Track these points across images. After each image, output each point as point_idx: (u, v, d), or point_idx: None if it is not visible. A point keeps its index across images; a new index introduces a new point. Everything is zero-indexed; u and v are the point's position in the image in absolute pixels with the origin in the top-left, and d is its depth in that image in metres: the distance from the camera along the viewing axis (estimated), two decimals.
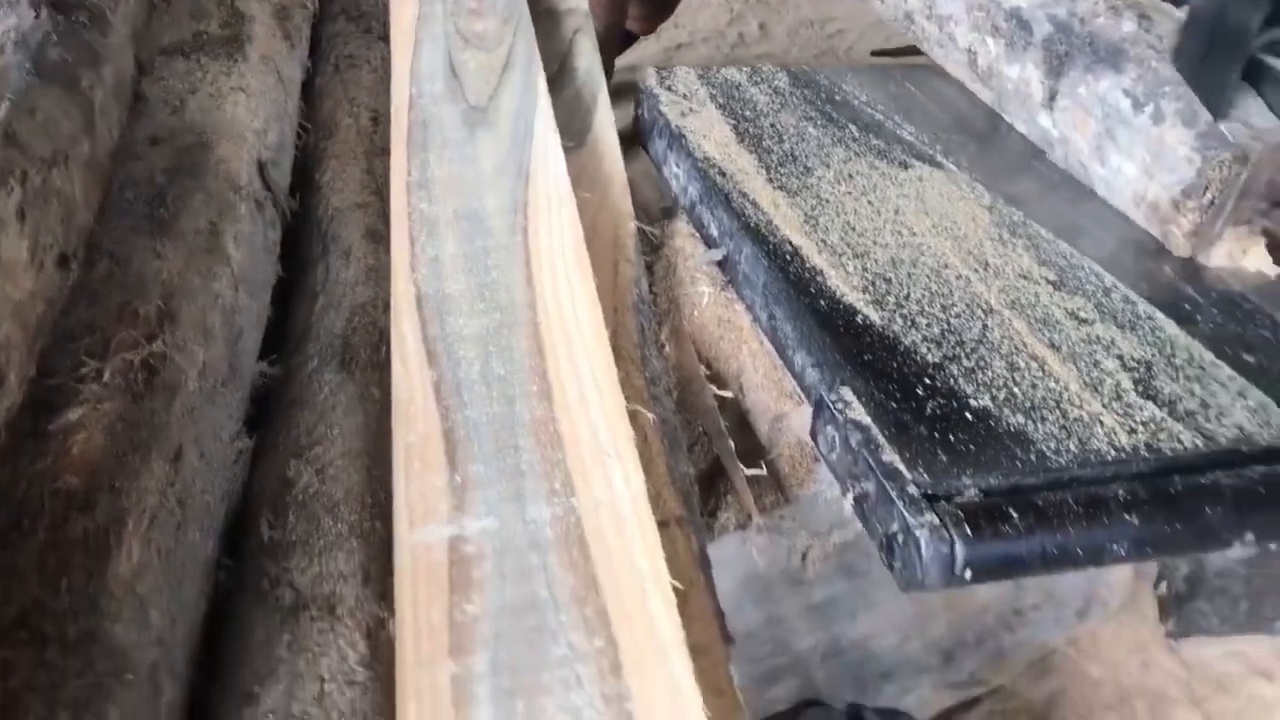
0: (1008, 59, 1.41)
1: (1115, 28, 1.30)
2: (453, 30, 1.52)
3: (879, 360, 1.00)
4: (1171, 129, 1.19)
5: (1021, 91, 1.40)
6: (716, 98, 1.45)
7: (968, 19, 1.48)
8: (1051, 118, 1.36)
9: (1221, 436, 0.96)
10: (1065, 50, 1.33)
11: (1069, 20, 1.34)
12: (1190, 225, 1.19)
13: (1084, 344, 1.06)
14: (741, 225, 1.19)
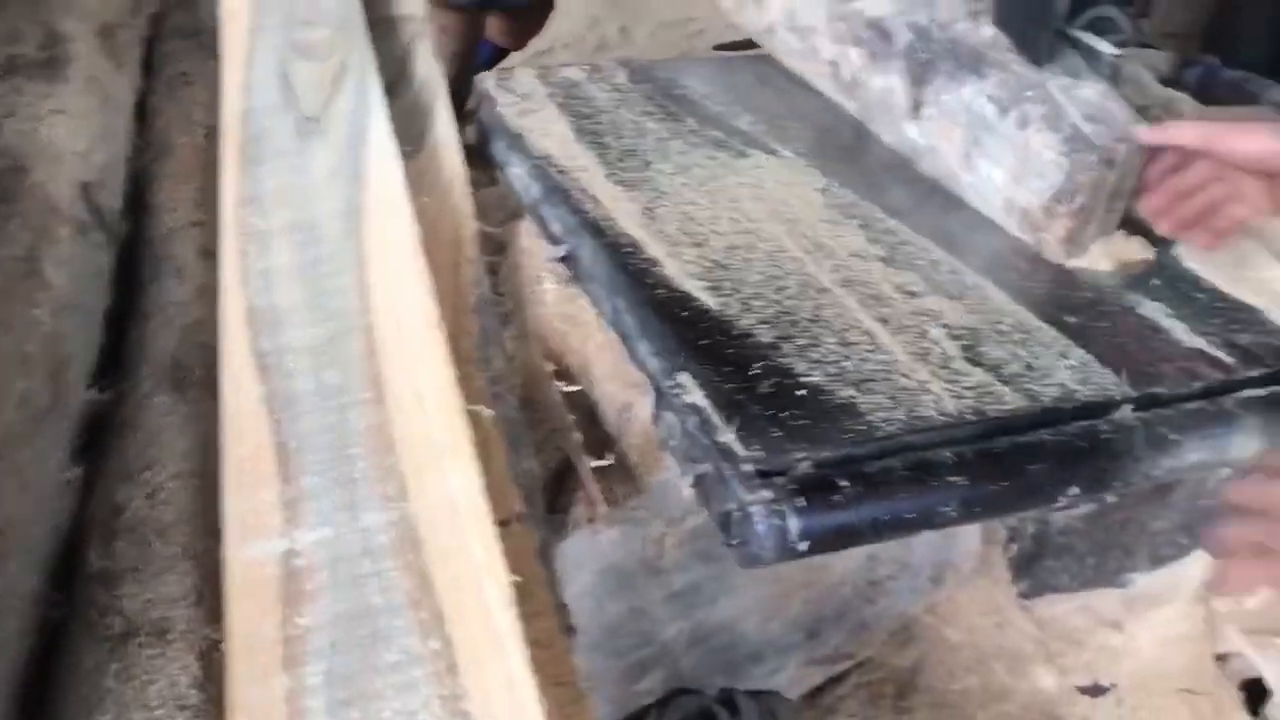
0: (871, 70, 1.38)
1: (975, 33, 1.29)
2: (285, 41, 1.50)
3: (716, 345, 1.02)
4: (1037, 134, 1.18)
5: (886, 102, 1.37)
6: (555, 97, 1.45)
7: (829, 30, 1.44)
8: (918, 127, 1.33)
9: (1045, 396, 1.00)
10: (927, 58, 1.30)
11: (929, 27, 1.32)
12: (1063, 231, 1.18)
13: (913, 316, 1.09)
14: (581, 221, 1.20)
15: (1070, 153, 1.15)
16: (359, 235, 1.11)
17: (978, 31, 1.28)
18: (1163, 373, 1.05)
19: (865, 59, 1.38)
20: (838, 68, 1.43)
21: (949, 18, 1.31)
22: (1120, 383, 1.02)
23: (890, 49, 1.34)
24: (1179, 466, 1.00)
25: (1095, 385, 1.02)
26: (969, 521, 0.95)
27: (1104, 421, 0.98)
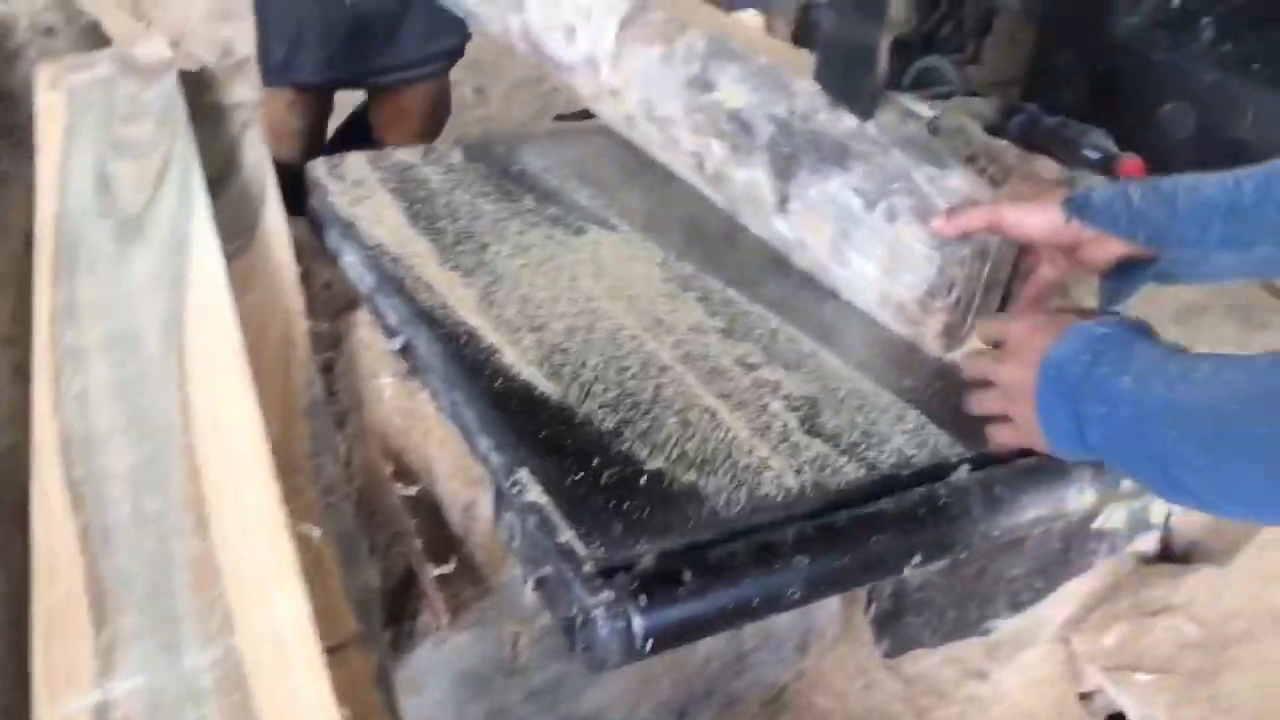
0: (734, 163, 1.32)
1: (837, 124, 1.23)
2: (104, 138, 1.45)
3: (556, 436, 1.00)
4: (907, 226, 1.13)
5: (753, 196, 1.31)
6: (387, 182, 1.43)
7: (688, 121, 1.37)
8: (786, 221, 1.27)
9: (883, 463, 1.01)
10: (790, 152, 1.25)
11: (790, 119, 1.26)
12: (940, 325, 1.13)
13: (753, 389, 1.09)
14: (416, 311, 1.17)
15: (942, 246, 1.10)
16: (180, 347, 1.06)
17: (839, 123, 1.23)
18: None
19: (728, 152, 1.32)
20: (701, 160, 1.37)
21: (809, 108, 1.26)
22: (955, 444, 1.04)
23: (752, 142, 1.29)
24: (1017, 524, 1.01)
25: (931, 448, 1.03)
26: (815, 599, 0.94)
27: (941, 485, 0.99)
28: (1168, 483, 0.83)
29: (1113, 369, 0.84)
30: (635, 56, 1.42)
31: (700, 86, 1.35)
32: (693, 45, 1.37)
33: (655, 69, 1.40)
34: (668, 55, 1.38)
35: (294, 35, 2.14)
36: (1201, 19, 1.58)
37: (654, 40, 1.40)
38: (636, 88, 1.43)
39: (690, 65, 1.36)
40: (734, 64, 1.33)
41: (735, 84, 1.32)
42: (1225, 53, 1.54)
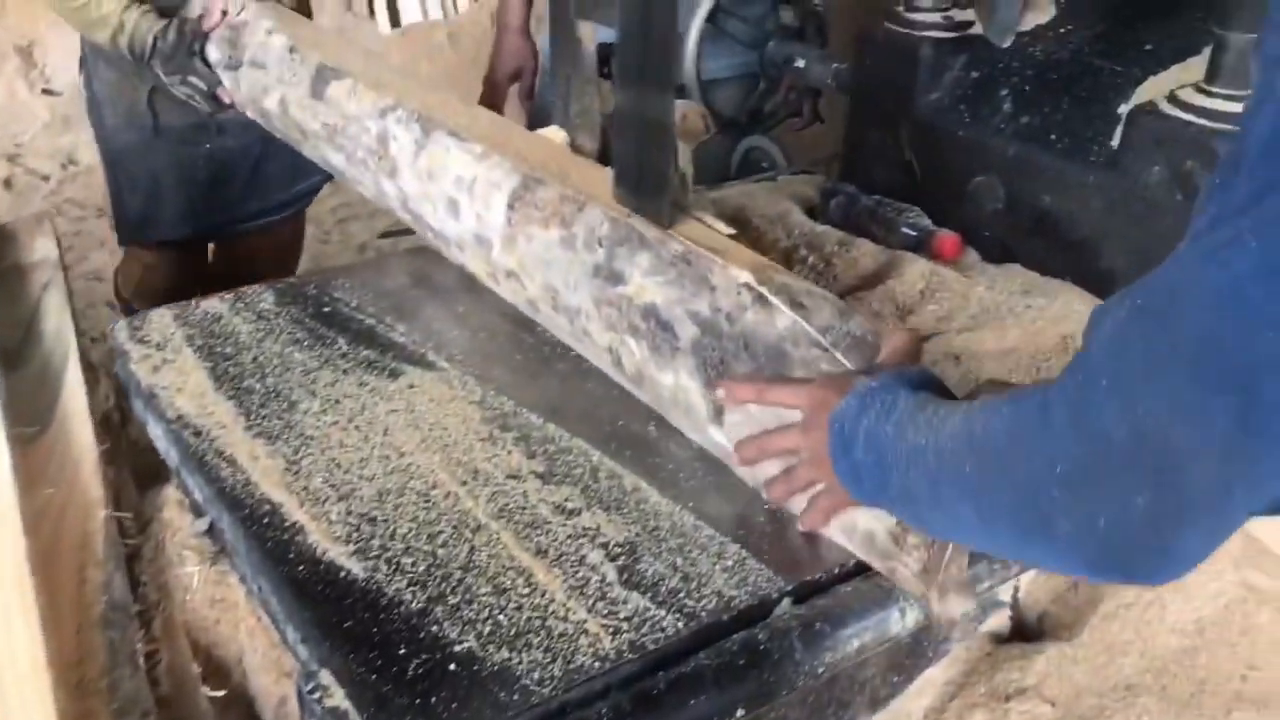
0: (656, 364, 1.18)
1: (769, 324, 1.07)
2: None
3: (360, 625, 0.96)
4: None
5: (682, 402, 1.17)
6: (194, 339, 1.37)
7: (599, 315, 1.23)
8: (724, 434, 1.12)
9: (702, 612, 0.98)
10: (719, 357, 1.10)
11: (714, 318, 1.11)
12: (918, 563, 0.97)
13: (570, 540, 1.07)
14: (219, 491, 1.13)
15: None
16: None
17: (773, 322, 1.07)
18: (819, 554, 1.06)
19: (647, 352, 1.19)
20: (618, 357, 1.24)
21: (735, 305, 1.10)
22: (775, 577, 1.03)
23: (675, 343, 1.15)
24: (843, 656, 1.00)
25: (751, 586, 1.02)
26: None
27: (761, 629, 0.98)
28: (918, 521, 0.91)
29: (877, 417, 0.90)
30: (531, 238, 1.31)
31: (608, 277, 1.21)
32: (594, 228, 1.24)
33: (556, 253, 1.28)
34: (568, 239, 1.26)
35: (150, 187, 2.05)
36: (1000, 92, 1.62)
37: (550, 221, 1.29)
38: (537, 273, 1.31)
39: (594, 252, 1.23)
40: (643, 252, 1.19)
41: (647, 276, 1.18)
42: (1024, 125, 1.58)
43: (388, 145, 1.49)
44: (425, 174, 1.44)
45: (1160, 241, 1.43)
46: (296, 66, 1.69)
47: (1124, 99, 1.51)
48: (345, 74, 1.60)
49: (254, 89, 1.79)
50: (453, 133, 1.42)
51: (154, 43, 1.83)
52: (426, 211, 1.47)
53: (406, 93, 1.53)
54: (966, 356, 1.40)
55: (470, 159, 1.38)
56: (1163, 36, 1.55)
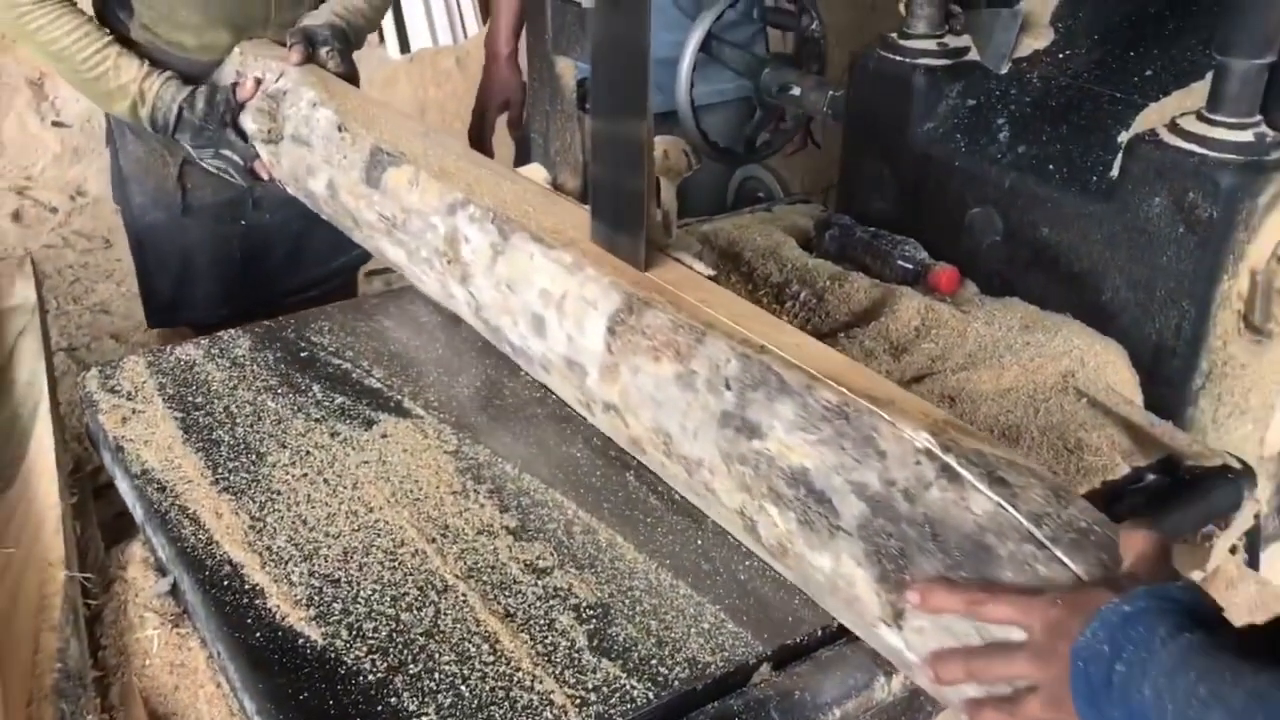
0: (808, 542, 0.94)
1: (962, 506, 0.85)
2: None
3: (317, 698, 0.92)
4: None
5: (845, 593, 0.93)
6: (166, 388, 1.34)
7: (728, 471, 1.01)
8: (902, 639, 0.89)
9: (675, 680, 0.94)
10: (898, 547, 0.87)
11: (887, 494, 0.88)
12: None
13: (540, 602, 1.02)
14: (180, 551, 1.09)
15: None
16: None
17: (967, 504, 0.86)
18: (800, 616, 1.01)
19: (795, 524, 0.96)
20: (752, 523, 1.01)
21: (912, 478, 0.88)
22: (753, 641, 0.98)
23: (835, 520, 0.92)
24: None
25: (728, 651, 0.97)
26: None
27: (736, 698, 0.93)
28: None
29: (1131, 671, 0.72)
30: (637, 371, 1.10)
31: (741, 428, 0.99)
32: (719, 365, 1.03)
33: (670, 392, 1.06)
34: (685, 377, 1.05)
35: (180, 268, 1.89)
36: (996, 120, 1.57)
37: (662, 353, 1.08)
38: (644, 412, 1.10)
39: (720, 396, 1.02)
40: (785, 400, 0.97)
41: (793, 431, 0.95)
42: (1021, 154, 1.53)
43: (458, 247, 1.32)
44: (504, 283, 1.27)
45: (1162, 274, 1.39)
46: (347, 147, 1.51)
47: (1124, 127, 1.46)
48: (404, 159, 1.43)
49: (297, 167, 1.62)
50: (536, 237, 1.24)
51: (179, 113, 1.69)
52: (505, 325, 1.29)
53: (478, 184, 1.36)
54: (962, 398, 1.35)
55: (559, 270, 1.20)
56: (1163, 62, 1.50)
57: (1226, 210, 1.32)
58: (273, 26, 1.79)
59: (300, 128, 1.61)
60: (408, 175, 1.41)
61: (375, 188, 1.45)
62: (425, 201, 1.38)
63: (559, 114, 1.41)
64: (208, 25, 1.74)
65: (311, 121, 1.59)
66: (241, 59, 1.77)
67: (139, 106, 1.70)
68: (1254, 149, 1.32)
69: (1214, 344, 1.40)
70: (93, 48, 1.67)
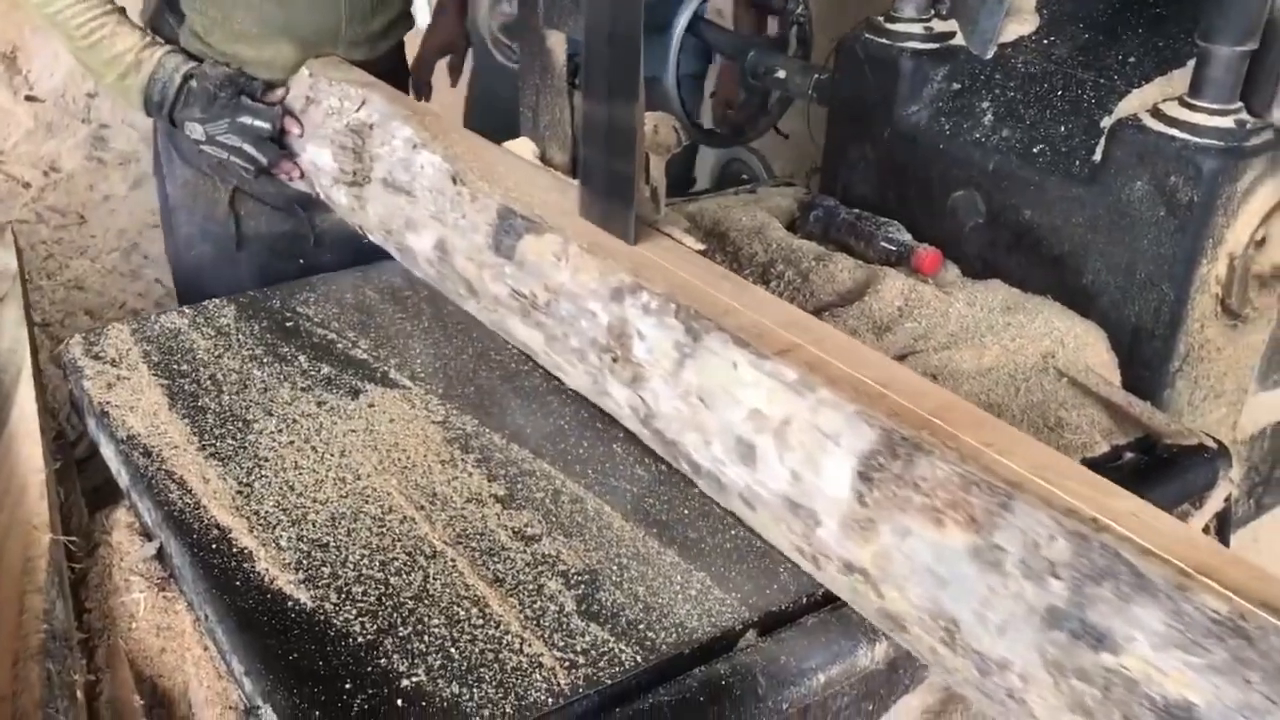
0: None
1: None
2: None
3: (306, 658, 0.92)
4: None
5: None
6: (150, 355, 1.33)
7: (1055, 687, 0.77)
8: None
9: (663, 644, 0.95)
10: None
11: None
12: None
13: (529, 568, 1.03)
14: (167, 515, 1.09)
15: None
16: None
17: None
18: (785, 583, 1.02)
19: None
20: None
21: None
22: (740, 606, 0.99)
23: None
24: (808, 691, 0.96)
25: (715, 616, 0.98)
26: None
27: (723, 662, 0.94)
28: None
29: None
30: (907, 534, 0.85)
31: (1078, 634, 0.75)
32: (1037, 544, 0.78)
33: (961, 569, 0.82)
34: (984, 552, 0.80)
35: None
36: (981, 104, 1.59)
37: (945, 515, 0.83)
38: (913, 586, 0.85)
39: (1043, 585, 0.77)
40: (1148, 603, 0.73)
41: (1163, 649, 0.71)
42: (1005, 138, 1.55)
43: (629, 345, 1.10)
44: (694, 395, 1.04)
45: (1142, 257, 1.41)
46: (465, 204, 1.29)
47: (1107, 112, 1.48)
48: (545, 225, 1.22)
49: (391, 218, 1.41)
50: (741, 340, 1.01)
51: (184, 83, 1.51)
52: (690, 442, 1.06)
53: (646, 262, 1.14)
54: (944, 376, 1.37)
55: (780, 389, 0.97)
56: (1146, 49, 1.52)
57: (1207, 195, 1.34)
58: (344, 42, 1.62)
59: (397, 172, 1.40)
60: (552, 247, 1.20)
61: (507, 258, 1.24)
62: (580, 282, 1.16)
63: (549, 89, 1.41)
64: (267, 36, 1.57)
65: (413, 167, 1.38)
66: (312, 82, 1.56)
67: (130, 76, 1.52)
68: (1235, 135, 1.34)
69: (1192, 327, 1.42)
70: (89, 14, 1.52)
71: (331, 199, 1.55)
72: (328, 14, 1.59)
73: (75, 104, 3.60)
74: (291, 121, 1.55)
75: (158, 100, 1.54)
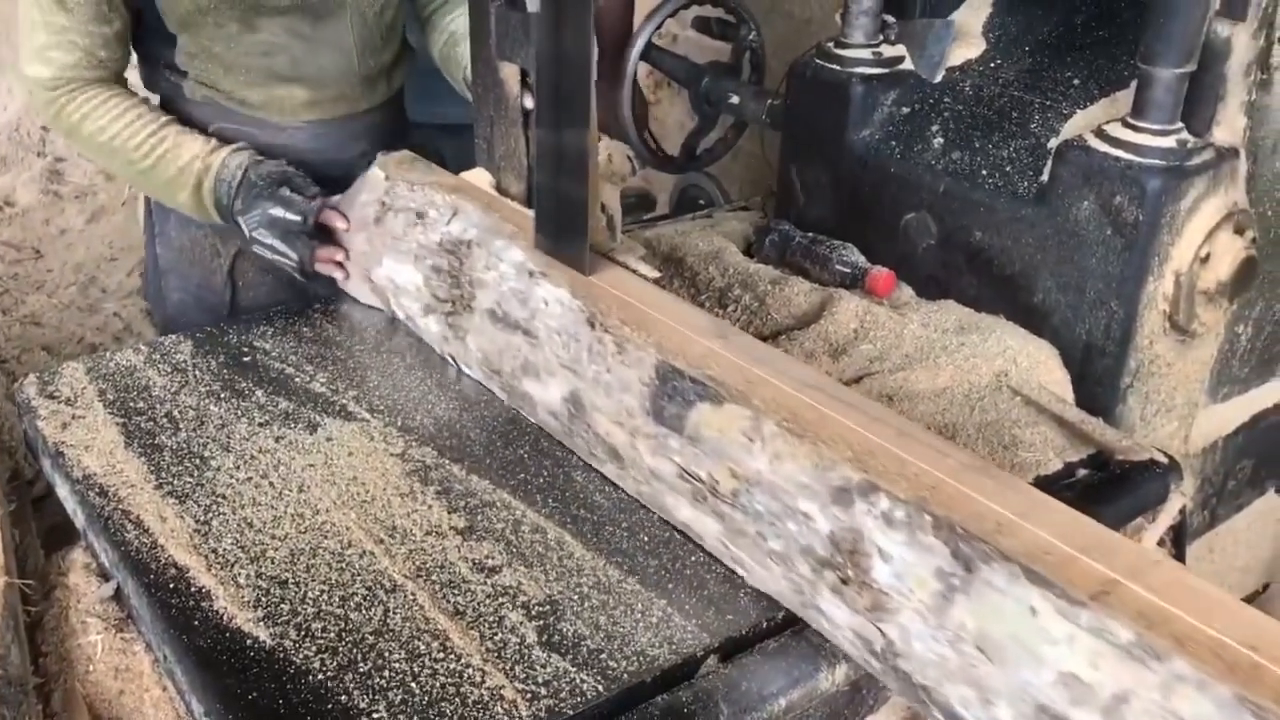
0: None
1: None
2: None
3: (267, 698, 0.92)
4: None
5: None
6: (106, 394, 1.32)
7: None
8: None
9: (624, 673, 0.95)
10: None
11: None
12: None
13: (489, 600, 1.03)
14: (124, 555, 1.08)
15: None
16: None
17: None
18: (742, 608, 1.03)
19: None
20: None
21: None
22: (701, 632, 1.00)
23: None
24: (770, 716, 0.97)
25: (676, 643, 0.98)
26: None
27: (685, 690, 0.94)
28: None
29: None
30: None
31: None
32: None
33: None
34: None
35: None
36: (930, 127, 1.61)
37: None
38: None
39: None
40: None
41: None
42: (954, 160, 1.57)
43: (865, 564, 0.89)
44: (966, 640, 0.83)
45: (1091, 276, 1.43)
46: (608, 355, 1.09)
47: (1053, 134, 1.51)
48: (723, 392, 1.01)
49: (499, 357, 1.23)
50: (1034, 573, 0.80)
51: (242, 178, 1.43)
52: (955, 697, 0.85)
53: (873, 449, 0.93)
54: (900, 397, 1.38)
55: (1109, 653, 0.76)
56: (1090, 71, 1.55)
57: (1152, 213, 1.36)
58: (359, 80, 1.57)
59: (510, 306, 1.20)
60: (739, 423, 0.98)
61: (673, 430, 1.04)
62: (784, 473, 0.94)
63: (503, 119, 1.42)
64: (273, 80, 1.51)
65: (531, 300, 1.19)
66: (389, 187, 1.39)
67: (202, 185, 1.44)
68: (1177, 154, 1.37)
69: (1141, 343, 1.45)
70: (146, 130, 1.44)
71: (415, 324, 1.38)
72: (338, 56, 1.53)
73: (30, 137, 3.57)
74: (333, 215, 1.44)
75: (225, 202, 1.45)
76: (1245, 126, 1.43)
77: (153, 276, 1.69)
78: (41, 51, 1.40)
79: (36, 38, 1.40)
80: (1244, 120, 1.43)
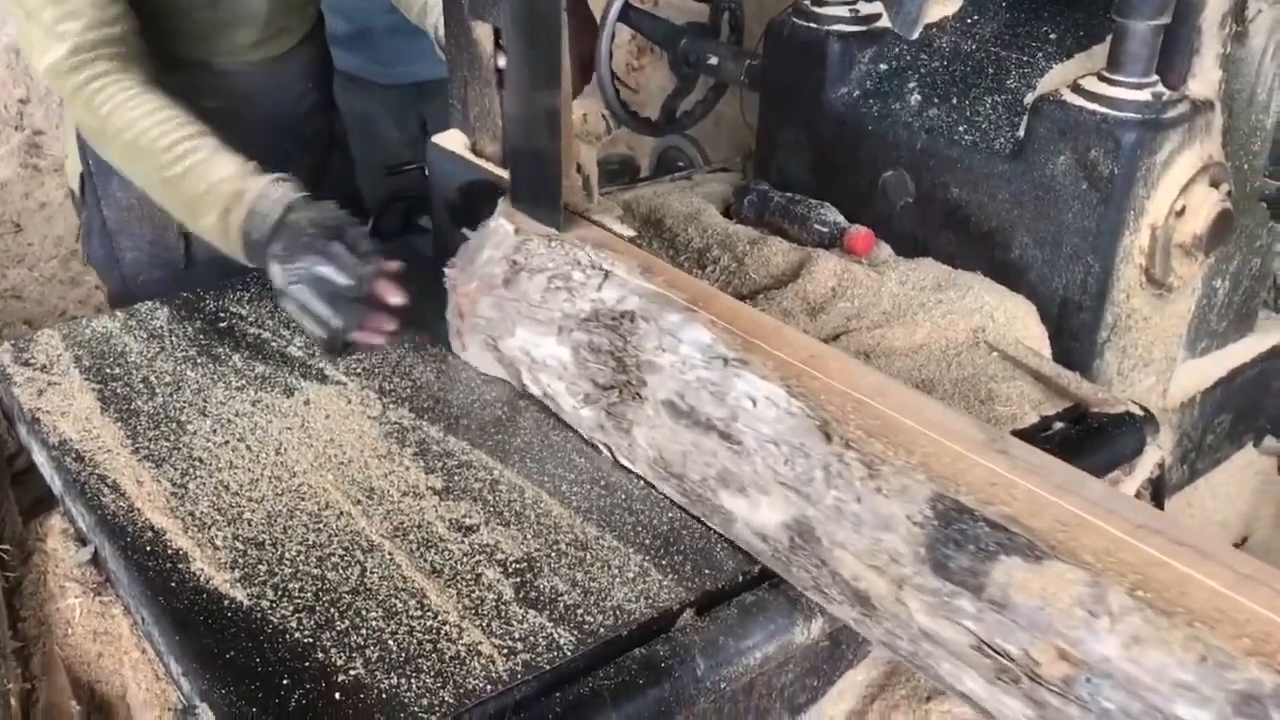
0: None
1: None
2: None
3: (244, 656, 0.92)
4: None
5: None
6: (82, 360, 1.32)
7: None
8: None
9: (600, 627, 0.96)
10: None
11: None
12: None
13: (467, 558, 1.03)
14: (101, 518, 1.08)
15: None
16: None
17: None
18: (718, 562, 1.04)
19: None
20: None
21: None
22: (677, 586, 1.00)
23: None
24: (745, 668, 0.97)
25: (653, 598, 0.99)
26: None
27: (662, 643, 0.95)
28: None
29: None
30: None
31: None
32: None
33: None
34: None
35: None
36: (908, 85, 1.60)
37: None
38: None
39: None
40: None
41: None
42: (931, 117, 1.57)
43: None
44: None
45: (1068, 231, 1.43)
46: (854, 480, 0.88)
47: (1030, 88, 1.50)
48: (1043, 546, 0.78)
49: (685, 461, 1.02)
50: None
51: (282, 216, 1.23)
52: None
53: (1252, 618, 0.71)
54: (877, 354, 1.39)
55: None
56: (1066, 26, 1.54)
57: (1127, 167, 1.36)
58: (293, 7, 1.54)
59: (697, 400, 0.99)
60: (1072, 589, 0.75)
61: (965, 588, 0.80)
62: (1148, 664, 0.71)
63: (477, 79, 1.41)
64: (219, 26, 1.47)
65: (728, 397, 0.97)
66: (520, 241, 1.18)
67: (233, 210, 1.25)
68: (1152, 108, 1.37)
69: (1118, 298, 1.45)
70: (180, 132, 1.28)
71: (559, 404, 1.17)
72: None
73: (7, 111, 3.54)
74: (389, 288, 1.23)
75: (256, 238, 1.25)
76: (1220, 79, 1.43)
77: (100, 240, 1.60)
78: (52, 27, 1.28)
79: (43, 18, 1.29)
80: (1219, 73, 1.43)
